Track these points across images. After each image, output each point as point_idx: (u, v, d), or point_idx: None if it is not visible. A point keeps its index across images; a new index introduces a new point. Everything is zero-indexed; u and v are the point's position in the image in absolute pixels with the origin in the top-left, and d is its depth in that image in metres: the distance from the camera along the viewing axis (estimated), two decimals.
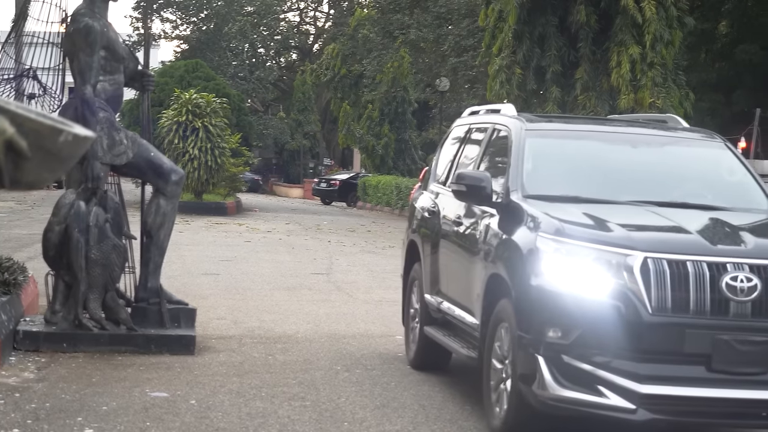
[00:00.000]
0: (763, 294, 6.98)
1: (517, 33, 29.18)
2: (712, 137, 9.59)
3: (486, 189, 8.50)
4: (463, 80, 50.80)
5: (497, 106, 10.33)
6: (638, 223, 7.65)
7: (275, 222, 34.75)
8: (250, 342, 11.52)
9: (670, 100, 27.87)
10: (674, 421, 7.11)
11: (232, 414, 8.23)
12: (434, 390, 9.48)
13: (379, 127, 56.47)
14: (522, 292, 7.35)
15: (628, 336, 6.92)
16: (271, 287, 16.57)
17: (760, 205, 8.65)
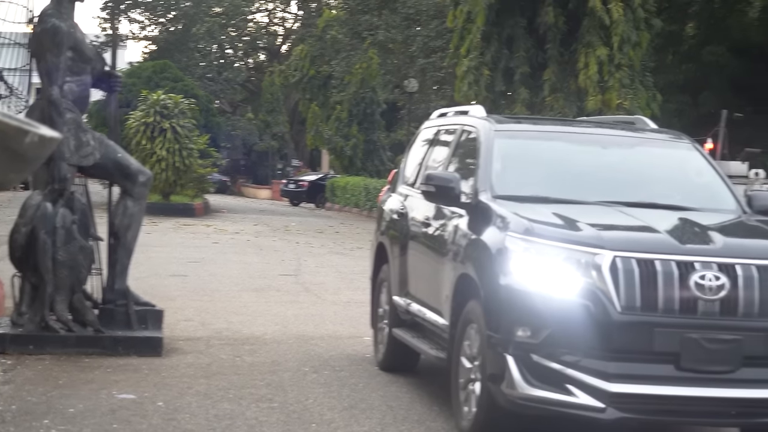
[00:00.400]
0: (731, 293, 7.01)
1: (485, 34, 29.22)
2: (680, 138, 9.62)
3: (455, 190, 8.50)
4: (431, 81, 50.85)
5: (466, 107, 10.33)
6: (607, 223, 7.66)
7: (243, 223, 34.67)
8: (218, 343, 11.48)
9: (637, 102, 27.98)
10: (643, 419, 7.12)
11: (200, 416, 8.20)
12: (402, 391, 9.47)
13: (348, 128, 56.43)
14: (491, 292, 7.35)
15: (597, 335, 6.93)
16: (239, 288, 16.52)
17: (728, 205, 8.69)
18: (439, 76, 48.54)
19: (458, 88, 29.88)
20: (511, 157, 8.77)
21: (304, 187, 61.10)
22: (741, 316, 7.00)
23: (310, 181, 61.71)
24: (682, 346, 6.92)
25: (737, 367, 7.00)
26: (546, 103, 28.64)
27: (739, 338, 6.98)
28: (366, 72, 54.60)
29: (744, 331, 7.00)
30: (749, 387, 7.05)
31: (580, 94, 28.37)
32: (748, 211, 8.59)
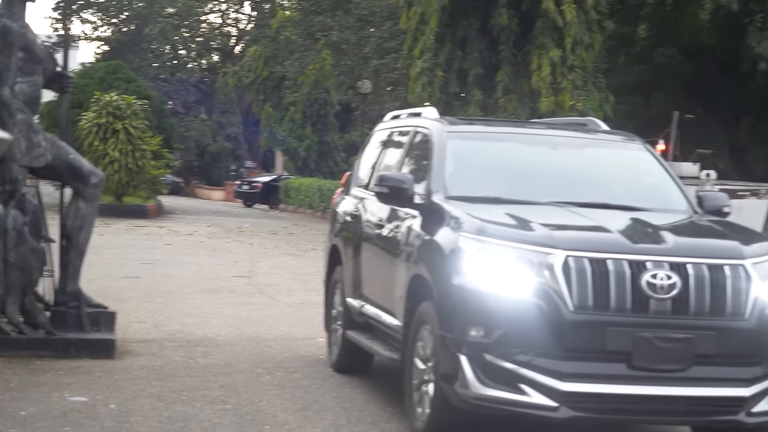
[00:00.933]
0: (683, 292, 7.06)
1: (438, 36, 29.24)
2: (632, 139, 9.69)
3: (408, 191, 8.52)
4: (385, 82, 50.89)
5: (419, 109, 10.35)
6: (559, 223, 7.69)
7: (197, 225, 34.55)
8: (171, 345, 11.44)
9: (590, 103, 28.09)
10: (596, 418, 7.16)
11: (153, 418, 8.16)
12: (356, 392, 9.47)
13: (302, 130, 56.40)
14: (444, 292, 7.36)
15: (549, 334, 6.96)
16: (192, 290, 16.46)
17: (679, 205, 8.76)
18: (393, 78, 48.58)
19: (412, 89, 29.89)
20: (464, 159, 8.79)
21: (257, 188, 61.01)
22: (692, 314, 7.06)
23: (263, 182, 61.63)
24: (634, 345, 6.97)
25: (689, 366, 7.05)
26: (499, 105, 28.69)
27: (691, 337, 7.03)
28: (320, 73, 54.52)
29: (695, 329, 7.05)
30: (701, 385, 7.10)
31: (533, 96, 28.44)
32: (699, 212, 8.66)
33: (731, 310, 7.14)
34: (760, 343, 7.21)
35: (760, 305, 7.21)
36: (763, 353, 7.23)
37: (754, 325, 7.16)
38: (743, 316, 7.16)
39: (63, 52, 11.93)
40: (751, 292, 7.21)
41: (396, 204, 8.80)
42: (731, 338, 7.15)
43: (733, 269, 7.22)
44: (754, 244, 7.60)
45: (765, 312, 7.22)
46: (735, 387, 7.16)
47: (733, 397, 7.15)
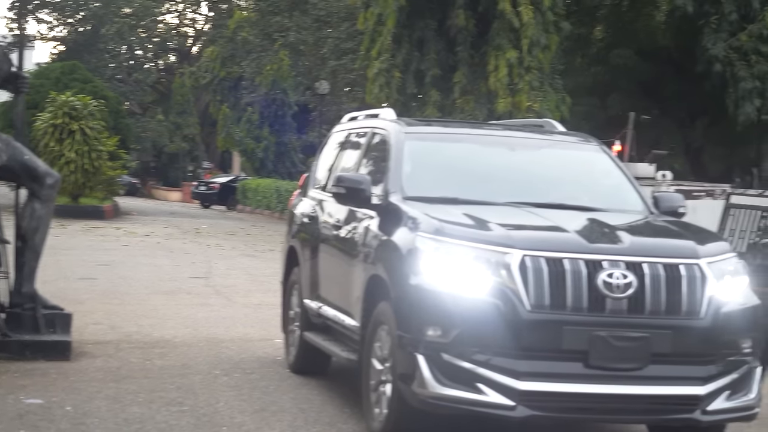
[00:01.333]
0: (639, 291, 7.10)
1: (396, 36, 29.29)
2: (588, 140, 9.73)
3: (365, 191, 8.52)
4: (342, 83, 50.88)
5: (376, 110, 10.35)
6: (516, 223, 7.72)
7: (153, 226, 34.41)
8: (128, 347, 11.39)
9: (546, 104, 28.21)
10: (553, 417, 7.18)
11: (109, 420, 8.12)
12: (313, 393, 9.46)
13: (259, 130, 56.28)
14: (402, 292, 7.37)
15: (506, 333, 6.97)
16: (148, 291, 16.40)
17: (635, 206, 8.81)
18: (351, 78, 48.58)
19: (369, 90, 29.92)
20: (421, 159, 8.80)
21: (215, 189, 60.83)
22: (648, 313, 7.10)
23: (221, 183, 61.45)
24: (590, 344, 6.99)
25: (645, 365, 7.09)
26: (456, 106, 28.76)
27: (647, 336, 7.07)
28: (277, 74, 54.48)
29: (651, 328, 7.09)
30: (656, 384, 7.14)
31: (491, 97, 28.52)
32: (655, 212, 8.71)
33: (687, 309, 7.19)
34: (715, 342, 7.26)
35: (715, 304, 7.26)
36: (718, 352, 7.28)
37: (709, 324, 7.21)
38: (698, 315, 7.21)
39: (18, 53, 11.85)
40: (706, 292, 7.26)
41: (353, 205, 8.80)
42: (687, 337, 7.19)
43: (689, 268, 7.27)
44: (709, 244, 7.66)
45: (720, 311, 7.28)
46: (690, 385, 7.21)
47: (689, 395, 7.20)
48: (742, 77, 28.50)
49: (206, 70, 59.22)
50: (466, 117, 27.75)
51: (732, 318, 7.33)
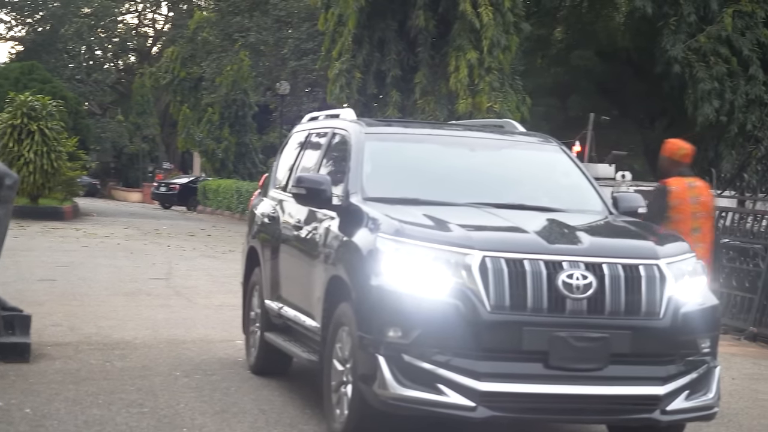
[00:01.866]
0: (598, 291, 7.12)
1: (356, 37, 29.27)
2: (548, 141, 9.76)
3: (326, 192, 8.52)
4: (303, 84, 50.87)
5: (337, 111, 10.34)
6: (477, 224, 7.73)
7: (113, 227, 34.27)
8: (87, 349, 11.33)
9: (507, 105, 28.27)
10: (513, 417, 7.20)
11: (69, 422, 8.08)
12: (274, 394, 9.45)
13: (219, 131, 56.14)
14: (363, 293, 7.37)
15: (467, 334, 6.98)
16: (108, 293, 16.32)
17: (594, 206, 8.85)
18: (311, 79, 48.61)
19: (330, 90, 29.90)
20: (382, 160, 8.81)
21: (175, 190, 60.66)
22: (608, 314, 7.13)
23: (181, 184, 61.28)
24: (550, 345, 7.01)
25: (605, 365, 7.12)
26: (417, 106, 28.78)
27: (606, 336, 7.09)
28: (237, 74, 54.38)
29: (611, 329, 7.12)
30: (616, 384, 7.17)
31: (451, 97, 28.56)
32: (615, 212, 8.75)
33: (646, 310, 7.23)
34: (674, 342, 7.29)
35: (674, 304, 7.30)
36: (677, 352, 7.32)
37: (668, 324, 7.25)
38: (658, 315, 7.25)
39: None
40: (666, 292, 7.30)
41: (314, 205, 8.79)
42: (646, 337, 7.23)
43: (648, 269, 7.30)
44: (669, 245, 7.70)
45: (679, 311, 7.32)
46: (650, 385, 7.24)
47: (648, 395, 7.23)
48: (701, 78, 28.66)
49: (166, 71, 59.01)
50: (427, 117, 27.77)
51: (691, 318, 7.37)
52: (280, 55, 49.94)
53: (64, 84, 63.03)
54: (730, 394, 10.31)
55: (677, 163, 10.50)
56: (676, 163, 10.49)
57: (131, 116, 77.69)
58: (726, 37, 28.86)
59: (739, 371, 11.92)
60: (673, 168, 10.48)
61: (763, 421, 9.46)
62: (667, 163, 10.51)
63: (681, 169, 10.50)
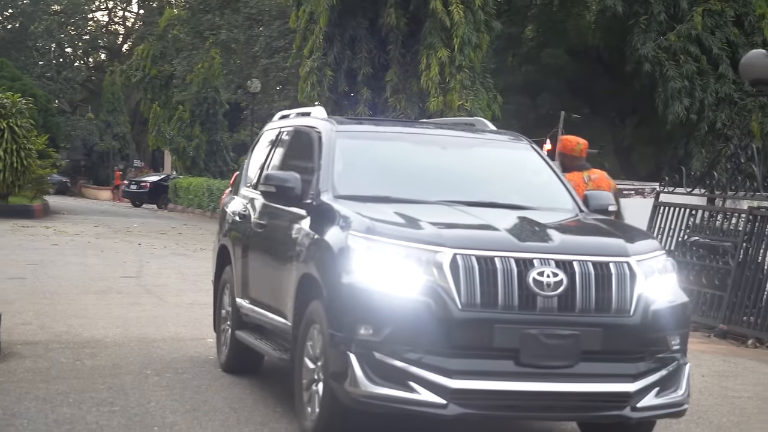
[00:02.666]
0: (569, 289, 7.14)
1: (327, 35, 29.27)
2: (519, 139, 9.78)
3: (294, 189, 8.51)
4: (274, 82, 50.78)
5: (308, 109, 10.33)
6: (448, 221, 7.74)
7: (84, 225, 34.14)
8: (58, 347, 11.28)
9: (478, 103, 28.32)
10: (484, 415, 7.22)
11: (39, 421, 8.04)
12: (246, 393, 9.44)
13: (190, 129, 56.03)
14: (334, 291, 7.37)
15: (438, 332, 6.98)
16: (79, 291, 16.26)
17: (565, 204, 8.87)
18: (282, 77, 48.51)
19: (301, 88, 29.88)
20: (353, 158, 8.80)
21: (146, 188, 60.47)
22: (579, 311, 7.14)
23: (152, 182, 61.10)
24: (521, 342, 7.03)
25: (576, 362, 7.13)
26: (388, 104, 28.81)
27: (577, 333, 7.11)
28: (208, 72, 54.28)
29: (582, 326, 7.13)
30: (587, 381, 7.18)
31: (422, 95, 28.60)
32: (585, 210, 8.78)
33: (616, 307, 7.25)
34: (644, 339, 7.32)
35: (644, 302, 7.33)
36: (648, 349, 7.35)
37: (639, 322, 7.27)
38: (628, 312, 7.27)
39: None
40: (636, 289, 7.32)
41: (284, 203, 8.78)
42: (617, 334, 7.25)
43: (618, 266, 7.32)
44: (639, 242, 7.73)
45: (649, 308, 7.34)
46: (620, 382, 7.26)
47: (619, 392, 7.25)
48: (671, 77, 28.81)
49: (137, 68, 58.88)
50: (398, 116, 27.81)
51: (661, 315, 7.40)
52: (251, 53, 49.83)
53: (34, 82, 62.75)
54: (700, 391, 10.36)
55: (575, 158, 10.84)
56: (574, 158, 10.82)
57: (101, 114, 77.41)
58: (696, 36, 29.03)
59: (709, 368, 11.98)
60: (571, 163, 10.79)
61: (733, 417, 9.51)
62: (566, 159, 10.84)
63: (579, 163, 10.81)
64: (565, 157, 10.81)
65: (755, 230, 15.11)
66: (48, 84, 71.78)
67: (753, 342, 14.27)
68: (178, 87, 56.50)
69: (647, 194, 22.61)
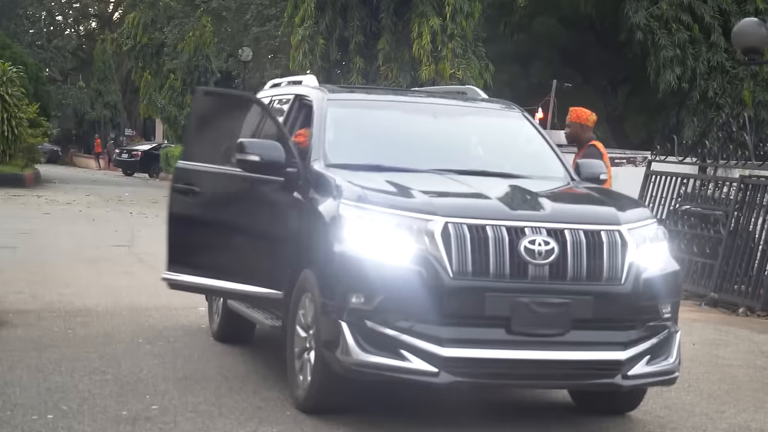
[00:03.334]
0: (560, 257, 7.14)
1: (319, 3, 29.18)
2: (511, 108, 9.76)
3: (280, 160, 8.45)
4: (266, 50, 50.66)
5: (299, 77, 10.31)
6: (439, 190, 7.73)
7: (75, 194, 34.10)
8: (50, 316, 11.29)
9: (470, 71, 28.28)
10: (476, 383, 7.23)
11: (31, 389, 8.05)
12: (237, 361, 9.44)
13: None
14: (325, 259, 7.37)
15: (430, 300, 6.99)
16: (70, 260, 16.25)
17: (557, 173, 8.87)
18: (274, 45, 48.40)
19: (293, 57, 29.81)
20: (345, 126, 8.79)
21: (137, 157, 60.38)
22: (570, 280, 7.15)
23: (143, 150, 61.00)
24: (512, 310, 7.03)
25: (567, 330, 7.15)
26: (380, 73, 28.76)
27: (568, 302, 7.12)
28: (199, 40, 54.06)
29: (573, 294, 7.14)
30: (578, 349, 7.20)
31: (414, 64, 28.55)
32: (576, 179, 8.79)
33: (607, 275, 7.25)
34: (635, 307, 7.33)
35: (635, 270, 7.34)
36: (639, 317, 7.36)
37: (630, 290, 7.29)
38: (619, 280, 7.28)
39: None
40: (627, 258, 7.33)
41: (270, 173, 8.71)
42: (608, 303, 7.26)
43: (610, 235, 7.33)
44: (630, 210, 7.73)
45: (640, 277, 7.35)
46: (611, 351, 7.27)
47: (610, 360, 7.27)
48: (663, 45, 28.74)
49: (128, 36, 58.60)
50: (390, 84, 27.77)
51: (652, 284, 7.41)
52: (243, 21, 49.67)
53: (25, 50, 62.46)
54: (690, 359, 10.39)
55: (588, 129, 10.83)
56: (587, 129, 10.82)
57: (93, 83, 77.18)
58: (688, 4, 28.95)
59: (700, 337, 12.02)
60: (584, 134, 10.80)
61: (723, 386, 9.54)
62: (579, 129, 10.84)
63: (590, 134, 10.85)
64: (579, 127, 10.81)
65: (746, 199, 15.12)
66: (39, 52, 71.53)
67: (744, 310, 14.31)
68: (169, 55, 56.28)
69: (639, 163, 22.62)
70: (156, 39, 56.77)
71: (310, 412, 7.62)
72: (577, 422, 8.04)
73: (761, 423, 8.26)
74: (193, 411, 7.62)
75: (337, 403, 7.63)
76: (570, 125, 10.89)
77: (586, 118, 10.82)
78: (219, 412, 7.61)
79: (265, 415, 7.63)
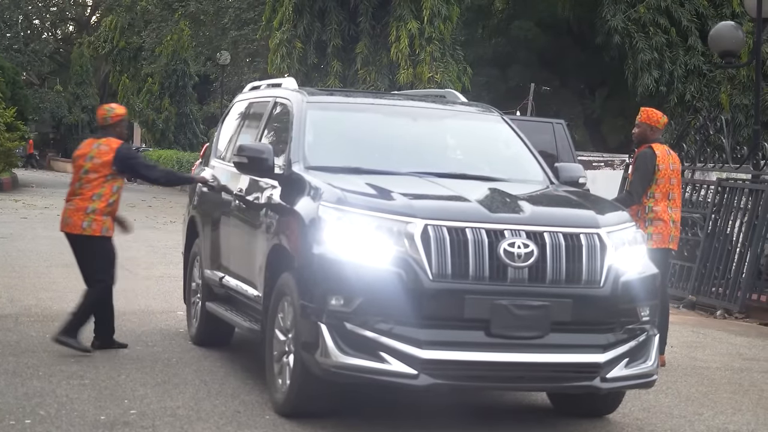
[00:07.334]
0: (539, 260, 7.15)
1: (297, 6, 29.17)
2: (489, 111, 9.79)
3: (268, 161, 8.47)
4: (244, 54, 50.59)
5: (278, 80, 10.31)
6: (419, 192, 7.74)
7: (53, 198, 33.96)
8: (27, 320, 11.24)
9: (448, 75, 28.30)
10: (455, 385, 7.24)
11: (8, 394, 8.01)
12: (216, 365, 9.43)
13: (160, 101, 55.81)
14: (305, 261, 7.36)
15: (409, 302, 6.99)
16: (48, 264, 16.20)
17: (535, 176, 8.89)
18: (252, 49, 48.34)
19: (271, 60, 29.80)
20: (324, 129, 8.79)
21: None
22: (549, 282, 7.16)
23: None
24: (492, 313, 7.04)
25: (545, 333, 7.15)
26: (359, 76, 28.77)
27: (547, 304, 7.13)
28: (177, 44, 54.01)
29: (552, 297, 7.15)
30: (557, 352, 7.21)
31: (392, 68, 28.57)
32: (555, 182, 8.80)
33: (587, 278, 7.27)
34: (614, 310, 7.35)
35: (614, 273, 7.35)
36: (618, 320, 7.38)
37: (609, 293, 7.30)
38: (598, 283, 7.29)
39: None
40: (606, 261, 7.35)
41: (256, 174, 8.74)
42: (587, 305, 7.27)
43: (589, 238, 7.34)
44: (609, 214, 7.75)
45: (619, 280, 7.36)
46: (590, 353, 7.29)
47: (589, 363, 7.28)
48: (641, 49, 28.86)
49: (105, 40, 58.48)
50: (368, 88, 27.77)
51: (631, 287, 7.43)
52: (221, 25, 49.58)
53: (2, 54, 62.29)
54: (669, 362, 10.42)
55: (657, 130, 10.67)
56: (656, 130, 10.66)
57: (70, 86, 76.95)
58: (665, 8, 29.08)
59: (678, 339, 12.05)
60: (652, 135, 10.64)
61: (701, 388, 9.57)
62: (648, 130, 10.65)
63: (657, 136, 10.67)
64: (648, 128, 10.68)
65: (724, 202, 15.18)
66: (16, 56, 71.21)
67: (721, 313, 14.36)
68: (146, 59, 56.21)
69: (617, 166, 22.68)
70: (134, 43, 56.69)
71: (289, 416, 7.61)
72: (556, 425, 8.06)
73: (738, 425, 8.29)
74: (171, 415, 7.60)
75: (316, 406, 7.62)
76: (639, 125, 10.68)
77: (657, 120, 10.60)
78: (198, 417, 7.60)
79: (244, 419, 7.61)
